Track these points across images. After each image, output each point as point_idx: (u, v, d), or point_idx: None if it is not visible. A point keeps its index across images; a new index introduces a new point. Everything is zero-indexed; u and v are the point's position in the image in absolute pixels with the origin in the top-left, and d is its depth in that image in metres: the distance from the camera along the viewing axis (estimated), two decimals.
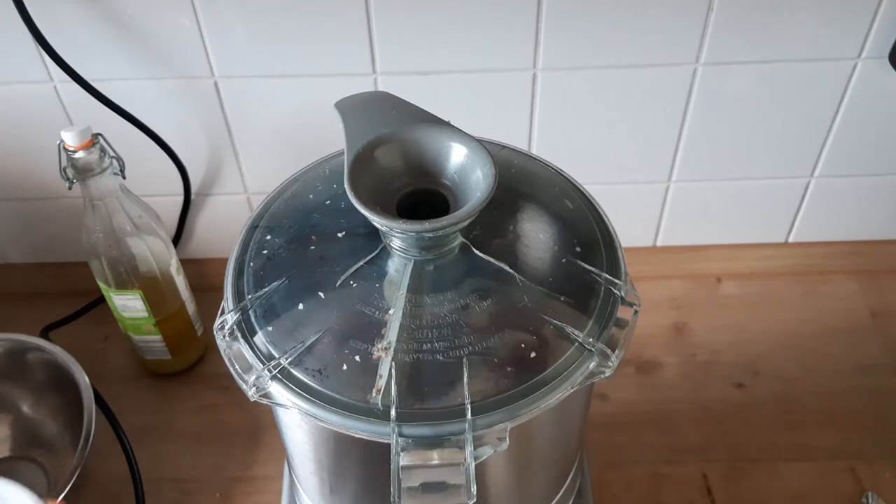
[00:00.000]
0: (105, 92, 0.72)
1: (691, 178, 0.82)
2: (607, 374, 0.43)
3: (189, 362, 0.81)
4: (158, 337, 0.76)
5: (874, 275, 0.87)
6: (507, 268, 0.45)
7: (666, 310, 0.84)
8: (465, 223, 0.43)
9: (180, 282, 0.76)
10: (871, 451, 0.73)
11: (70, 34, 0.69)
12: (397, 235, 0.44)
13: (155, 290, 0.73)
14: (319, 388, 0.42)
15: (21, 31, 0.67)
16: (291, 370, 0.43)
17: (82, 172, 0.64)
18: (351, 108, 0.47)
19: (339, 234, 0.47)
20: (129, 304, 0.73)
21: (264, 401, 0.44)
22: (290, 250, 0.47)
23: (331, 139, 0.48)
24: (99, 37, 0.70)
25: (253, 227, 0.49)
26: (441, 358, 0.42)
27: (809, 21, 0.70)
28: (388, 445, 0.41)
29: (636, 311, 0.45)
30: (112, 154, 0.66)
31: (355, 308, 0.43)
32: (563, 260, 0.46)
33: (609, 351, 0.43)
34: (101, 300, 0.79)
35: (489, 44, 0.71)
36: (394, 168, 0.45)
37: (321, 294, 0.44)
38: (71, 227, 0.75)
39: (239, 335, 0.45)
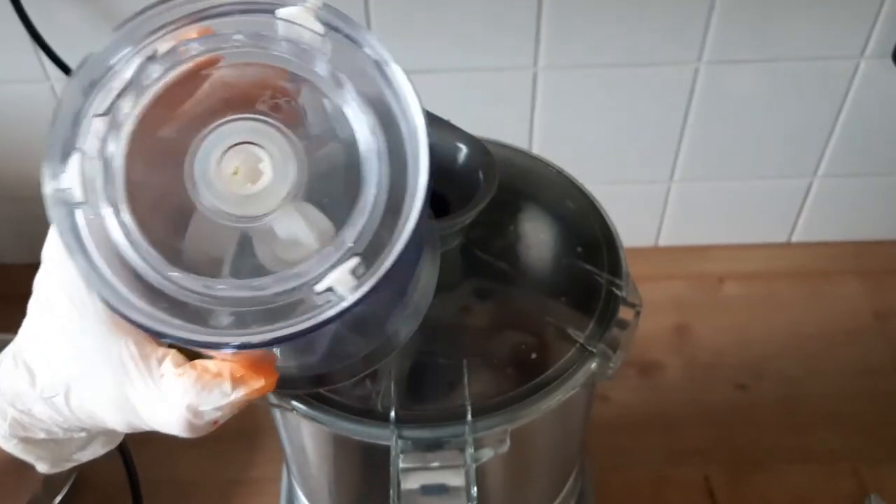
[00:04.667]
0: None
1: (693, 177, 0.82)
2: (609, 376, 0.43)
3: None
4: None
5: (878, 276, 0.86)
6: (507, 268, 0.44)
7: (668, 311, 0.84)
8: (466, 223, 0.42)
9: None
10: (874, 454, 0.72)
11: (67, 32, 0.69)
12: None
13: None
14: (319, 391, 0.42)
15: (17, 29, 0.67)
16: None
17: None
18: None
19: None
20: None
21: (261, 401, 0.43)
22: None
23: None
24: (97, 35, 0.69)
25: None
26: (441, 359, 0.42)
27: (811, 19, 0.69)
28: (388, 448, 0.41)
29: (638, 312, 0.45)
30: None
31: None
32: (564, 260, 0.46)
33: (610, 352, 0.43)
34: None
35: (489, 42, 0.70)
36: None
37: None
38: None
39: None
